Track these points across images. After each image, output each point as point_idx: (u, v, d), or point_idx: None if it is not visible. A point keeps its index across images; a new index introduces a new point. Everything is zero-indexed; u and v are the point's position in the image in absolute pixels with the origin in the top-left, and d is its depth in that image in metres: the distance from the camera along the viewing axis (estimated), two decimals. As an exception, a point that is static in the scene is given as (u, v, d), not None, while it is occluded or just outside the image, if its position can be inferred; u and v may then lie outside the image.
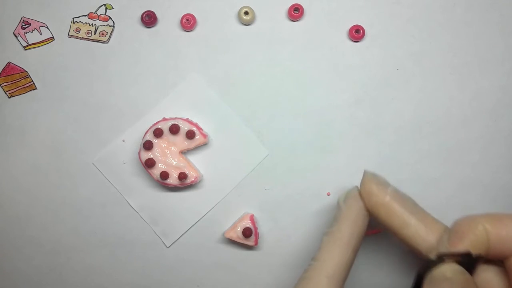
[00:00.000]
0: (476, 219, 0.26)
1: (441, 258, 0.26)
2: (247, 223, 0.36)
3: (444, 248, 0.26)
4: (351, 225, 0.29)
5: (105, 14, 0.38)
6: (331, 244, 0.29)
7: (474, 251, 0.26)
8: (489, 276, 0.28)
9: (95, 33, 0.38)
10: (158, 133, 0.36)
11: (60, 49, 0.38)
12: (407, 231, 0.28)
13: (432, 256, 0.26)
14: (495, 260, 0.27)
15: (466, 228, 0.26)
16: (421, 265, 0.27)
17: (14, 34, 0.38)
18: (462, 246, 0.26)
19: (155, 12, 0.37)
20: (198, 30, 0.38)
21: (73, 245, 0.38)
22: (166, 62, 0.38)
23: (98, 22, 0.38)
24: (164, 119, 0.36)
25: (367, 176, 0.30)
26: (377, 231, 0.36)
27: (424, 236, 0.28)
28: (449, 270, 0.25)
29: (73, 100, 0.38)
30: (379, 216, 0.29)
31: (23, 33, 0.38)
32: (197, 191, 0.38)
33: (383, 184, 0.30)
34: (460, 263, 0.26)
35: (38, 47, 0.38)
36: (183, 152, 0.37)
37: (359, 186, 0.31)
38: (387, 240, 0.37)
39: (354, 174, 0.37)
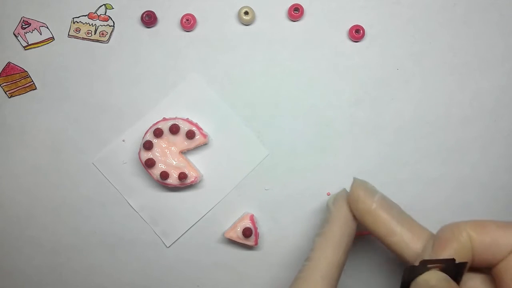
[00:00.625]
0: (460, 226, 0.26)
1: (426, 266, 0.25)
2: (247, 223, 0.36)
3: (428, 256, 0.26)
4: (342, 225, 0.29)
5: (105, 14, 0.38)
6: (324, 244, 0.29)
7: (459, 259, 0.25)
8: (476, 285, 0.27)
9: (95, 33, 0.38)
10: (158, 133, 0.36)
11: (60, 49, 0.38)
12: (392, 239, 0.28)
13: (416, 263, 0.26)
14: (482, 268, 0.26)
15: (450, 235, 0.26)
16: (406, 272, 0.26)
17: (14, 34, 0.38)
18: (446, 253, 0.25)
19: (155, 12, 0.37)
20: (198, 30, 0.38)
21: (73, 245, 0.38)
22: (166, 62, 0.38)
23: (98, 22, 0.38)
24: (164, 119, 0.36)
25: (356, 183, 0.30)
26: (368, 233, 0.36)
27: (409, 244, 0.27)
28: (433, 277, 0.25)
29: (73, 100, 0.38)
30: (366, 223, 0.29)
31: (23, 33, 0.38)
32: (197, 191, 0.38)
33: (371, 191, 0.29)
34: (445, 270, 0.25)
35: (38, 47, 0.38)
36: (183, 152, 0.37)
37: (348, 189, 0.31)
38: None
39: (354, 174, 0.37)
